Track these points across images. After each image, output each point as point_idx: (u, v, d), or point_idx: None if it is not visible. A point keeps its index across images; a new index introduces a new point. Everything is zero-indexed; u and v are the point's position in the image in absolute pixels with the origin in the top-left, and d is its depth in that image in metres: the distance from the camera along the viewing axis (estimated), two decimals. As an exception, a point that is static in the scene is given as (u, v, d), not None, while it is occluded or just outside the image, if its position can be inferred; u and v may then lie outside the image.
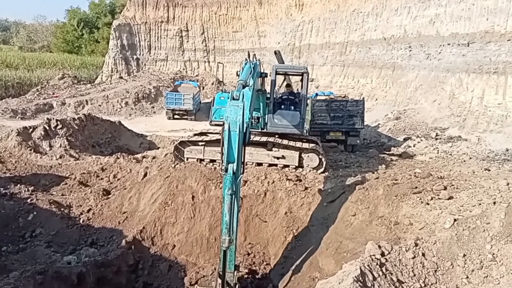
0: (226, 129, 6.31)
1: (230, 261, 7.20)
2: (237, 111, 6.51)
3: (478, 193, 7.56)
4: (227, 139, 6.34)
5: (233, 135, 6.43)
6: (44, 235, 10.13)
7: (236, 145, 6.44)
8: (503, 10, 17.92)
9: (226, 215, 6.32)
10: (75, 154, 16.53)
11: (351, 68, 31.00)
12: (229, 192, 6.30)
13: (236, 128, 6.42)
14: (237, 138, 6.43)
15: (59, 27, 76.60)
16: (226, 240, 6.36)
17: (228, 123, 6.34)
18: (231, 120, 6.42)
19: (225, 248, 6.50)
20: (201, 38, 48.85)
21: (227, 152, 6.38)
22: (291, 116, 12.40)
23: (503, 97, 17.23)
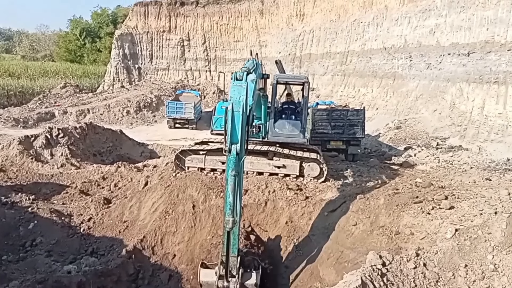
0: (230, 109, 6.31)
1: (234, 245, 7.01)
2: (241, 91, 6.53)
3: (479, 203, 7.53)
4: (230, 120, 6.33)
5: (237, 115, 6.45)
6: (45, 244, 10.10)
7: (239, 125, 6.44)
8: (503, 20, 18.02)
9: (230, 196, 6.36)
10: (76, 163, 16.53)
11: (351, 77, 31.10)
12: (233, 173, 6.33)
13: (240, 108, 6.44)
14: (240, 118, 6.43)
15: (61, 37, 77.15)
16: (229, 221, 6.41)
17: (231, 103, 6.36)
18: (235, 100, 6.45)
19: (229, 229, 6.53)
20: (202, 47, 49.10)
21: (230, 133, 6.37)
22: (292, 126, 12.41)
23: (503, 107, 17.26)
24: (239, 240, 7.36)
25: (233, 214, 6.43)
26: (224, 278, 7.05)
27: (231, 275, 7.10)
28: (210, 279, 7.42)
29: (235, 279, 7.11)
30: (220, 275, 7.11)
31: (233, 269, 7.13)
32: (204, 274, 7.62)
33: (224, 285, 7.06)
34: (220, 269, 7.12)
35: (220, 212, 10.08)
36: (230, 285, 7.09)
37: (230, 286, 7.09)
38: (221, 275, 7.10)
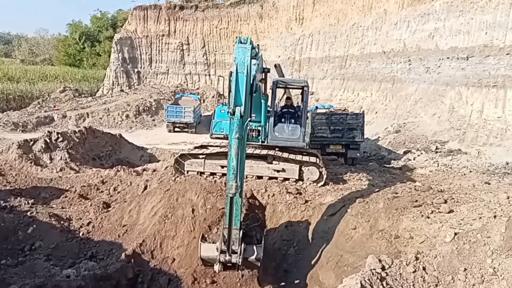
0: (234, 71, 6.32)
1: (236, 216, 6.77)
2: (245, 52, 6.52)
3: (479, 207, 7.54)
4: (234, 82, 6.32)
5: (241, 77, 6.43)
6: (44, 248, 10.07)
7: (243, 87, 6.40)
8: (501, 24, 18.07)
9: (233, 159, 6.25)
10: (76, 167, 16.53)
11: (351, 81, 31.15)
12: (236, 136, 6.26)
13: (244, 69, 6.44)
14: (244, 80, 6.40)
15: (61, 41, 77.24)
16: (233, 186, 6.21)
17: (235, 64, 6.37)
18: (239, 61, 6.45)
19: (232, 194, 6.30)
20: (202, 51, 49.18)
21: (234, 95, 6.34)
22: (292, 130, 12.44)
23: (502, 111, 17.29)
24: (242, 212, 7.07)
25: (236, 179, 6.23)
26: (226, 252, 6.84)
27: (233, 250, 6.86)
28: (211, 254, 7.18)
29: (238, 253, 6.89)
30: (222, 250, 6.89)
31: (235, 243, 6.88)
32: (205, 249, 7.35)
33: (226, 259, 6.87)
34: (222, 243, 6.88)
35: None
36: (232, 259, 6.88)
37: (233, 260, 6.89)
38: (223, 249, 6.87)
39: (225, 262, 6.88)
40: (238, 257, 6.87)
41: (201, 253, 7.35)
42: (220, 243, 6.95)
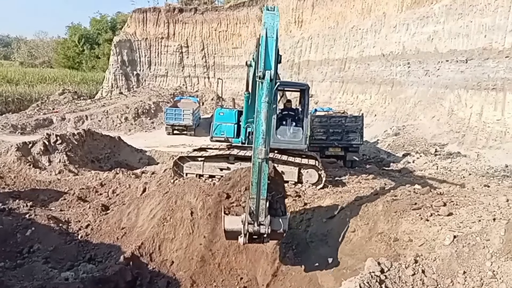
0: (264, 35, 6.40)
1: (263, 185, 6.53)
2: (274, 17, 6.58)
3: (478, 210, 7.52)
4: (264, 46, 6.36)
5: (270, 41, 6.48)
6: (42, 250, 10.06)
7: (273, 51, 6.44)
8: (500, 27, 18.11)
9: (263, 124, 6.24)
10: (74, 169, 16.52)
11: (350, 84, 31.18)
12: (266, 100, 6.25)
13: (274, 33, 6.50)
14: (274, 44, 6.47)
15: (60, 43, 77.27)
16: (262, 151, 6.20)
17: (265, 28, 6.45)
18: (268, 25, 6.50)
19: (261, 160, 6.27)
20: (201, 54, 49.22)
21: (264, 59, 6.35)
22: (294, 132, 12.43)
23: (501, 113, 17.31)
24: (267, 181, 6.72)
25: (265, 144, 6.17)
26: (255, 222, 6.63)
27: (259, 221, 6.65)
28: (235, 227, 6.89)
29: (266, 224, 6.68)
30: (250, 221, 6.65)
31: (262, 214, 6.67)
32: (229, 221, 7.04)
33: (255, 230, 6.65)
34: (248, 214, 6.66)
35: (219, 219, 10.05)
36: (261, 229, 6.66)
37: (261, 231, 6.67)
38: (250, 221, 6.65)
39: (253, 233, 6.66)
40: (267, 227, 6.68)
41: (226, 226, 7.03)
42: (246, 214, 6.71)
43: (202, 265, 9.66)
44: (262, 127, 6.24)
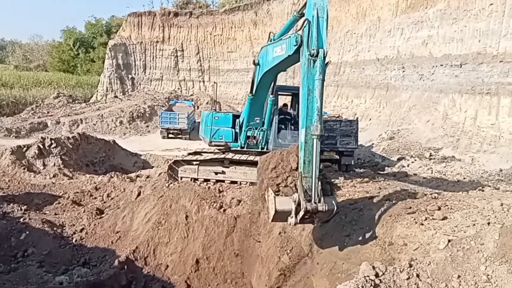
0: (315, 15, 6.71)
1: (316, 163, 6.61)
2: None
3: (472, 214, 7.55)
4: (315, 25, 6.68)
5: (321, 20, 6.77)
6: (36, 254, 10.03)
7: (325, 30, 6.76)
8: (495, 32, 18.22)
9: (318, 101, 6.58)
10: (69, 173, 16.47)
11: (345, 88, 31.24)
12: (320, 77, 6.61)
13: (324, 13, 6.79)
14: (325, 24, 6.78)
15: (55, 47, 77.14)
16: (318, 127, 6.47)
17: (315, 9, 6.73)
18: (319, 6, 6.78)
19: (317, 136, 6.49)
20: (196, 58, 49.24)
21: (317, 38, 6.67)
22: (294, 136, 12.50)
23: (496, 118, 17.39)
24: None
25: (321, 121, 6.42)
26: (312, 200, 6.56)
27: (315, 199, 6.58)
28: (286, 207, 6.81)
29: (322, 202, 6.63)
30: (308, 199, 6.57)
31: (315, 192, 6.64)
32: (280, 201, 6.93)
33: (313, 207, 6.53)
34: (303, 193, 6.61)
35: (213, 223, 10.06)
36: (318, 207, 6.57)
37: (319, 208, 6.57)
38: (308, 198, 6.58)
39: (310, 211, 6.56)
40: (323, 204, 6.61)
41: (277, 207, 6.89)
42: (299, 193, 6.65)
43: (197, 269, 9.66)
44: (317, 104, 6.61)
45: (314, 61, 6.70)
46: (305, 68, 6.92)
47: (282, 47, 8.31)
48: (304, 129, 6.76)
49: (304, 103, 6.86)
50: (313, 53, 6.67)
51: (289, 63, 8.67)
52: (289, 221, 6.77)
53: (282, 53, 8.28)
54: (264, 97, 11.51)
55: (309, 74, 6.79)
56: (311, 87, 6.70)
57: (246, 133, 12.07)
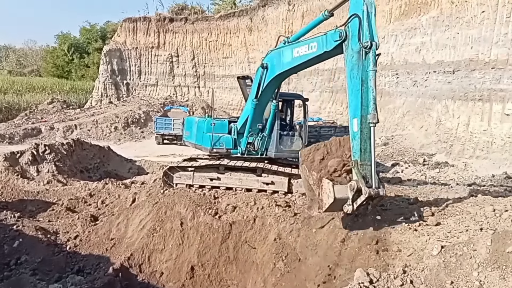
0: (365, 10, 7.29)
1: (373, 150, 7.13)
2: None
3: (465, 219, 7.61)
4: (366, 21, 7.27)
5: (371, 16, 7.35)
6: (30, 262, 9.96)
7: (374, 25, 7.35)
8: (486, 39, 18.41)
9: (373, 90, 7.08)
10: (63, 179, 16.39)
11: (339, 94, 31.38)
12: (374, 68, 7.11)
13: (373, 9, 7.39)
14: (374, 19, 7.37)
15: (49, 52, 76.95)
16: (375, 116, 6.99)
17: (365, 4, 7.32)
18: (368, 2, 7.37)
19: (374, 124, 7.01)
20: (191, 63, 49.28)
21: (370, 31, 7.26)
22: (293, 142, 12.64)
23: (488, 124, 17.54)
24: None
25: (377, 109, 6.97)
26: (373, 186, 6.99)
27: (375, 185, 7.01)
28: (344, 195, 7.12)
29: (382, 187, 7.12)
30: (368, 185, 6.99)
31: (375, 179, 7.06)
32: (338, 190, 7.20)
33: (375, 192, 6.93)
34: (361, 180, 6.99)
35: (209, 230, 10.06)
36: (380, 191, 7.00)
37: (380, 193, 7.02)
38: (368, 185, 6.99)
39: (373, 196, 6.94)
40: (383, 190, 7.12)
41: (336, 195, 7.14)
42: (359, 180, 7.01)
43: (191, 276, 9.64)
44: (373, 94, 7.08)
45: (367, 53, 7.21)
46: (354, 61, 7.43)
47: (310, 45, 8.86)
48: (356, 119, 7.22)
49: (356, 94, 7.30)
50: (367, 45, 7.17)
51: (318, 61, 9.39)
52: (346, 209, 7.18)
53: (311, 51, 8.83)
54: (266, 102, 11.64)
55: (360, 66, 7.28)
56: (364, 78, 7.21)
57: (247, 139, 12.06)
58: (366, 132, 7.09)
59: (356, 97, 7.29)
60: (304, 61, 9.26)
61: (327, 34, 8.32)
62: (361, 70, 7.24)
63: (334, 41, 8.05)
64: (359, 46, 7.30)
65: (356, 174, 7.08)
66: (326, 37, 8.36)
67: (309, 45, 8.91)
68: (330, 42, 8.23)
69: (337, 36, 7.88)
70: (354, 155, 7.26)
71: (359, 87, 7.26)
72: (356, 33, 7.36)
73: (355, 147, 7.22)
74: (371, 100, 7.04)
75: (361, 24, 7.30)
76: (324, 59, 9.40)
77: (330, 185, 7.23)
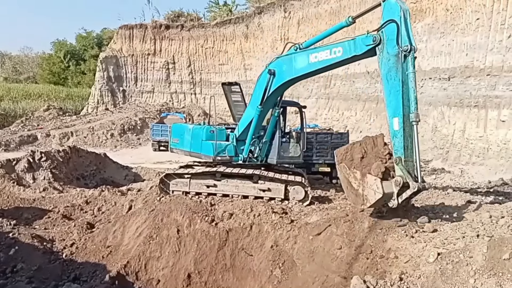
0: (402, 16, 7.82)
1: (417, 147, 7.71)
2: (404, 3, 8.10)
3: (462, 226, 7.64)
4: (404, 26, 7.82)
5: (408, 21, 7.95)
6: (26, 270, 9.89)
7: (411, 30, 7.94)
8: (481, 46, 18.53)
9: (414, 91, 7.76)
10: (59, 186, 16.33)
11: (335, 100, 31.48)
12: (414, 70, 7.75)
13: (408, 15, 7.95)
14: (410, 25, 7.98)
15: (45, 59, 76.81)
16: (418, 114, 7.68)
17: (402, 11, 7.85)
18: (404, 9, 7.91)
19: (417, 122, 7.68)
20: (187, 70, 49.33)
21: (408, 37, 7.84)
22: (294, 148, 12.82)
23: (484, 130, 17.62)
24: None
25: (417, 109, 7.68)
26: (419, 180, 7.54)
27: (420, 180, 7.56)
28: (391, 190, 7.66)
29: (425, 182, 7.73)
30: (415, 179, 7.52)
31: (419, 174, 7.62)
32: (386, 185, 7.68)
33: (422, 186, 7.52)
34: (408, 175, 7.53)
35: (205, 237, 10.04)
36: (426, 186, 7.70)
37: (426, 186, 7.73)
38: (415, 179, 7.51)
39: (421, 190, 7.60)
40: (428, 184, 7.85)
41: (385, 190, 7.61)
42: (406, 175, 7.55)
43: (188, 284, 9.61)
44: (414, 94, 7.74)
45: (406, 56, 7.77)
46: (391, 63, 7.98)
47: (333, 50, 9.30)
48: (397, 118, 7.90)
49: (395, 94, 7.91)
50: (406, 49, 7.72)
51: (341, 65, 9.94)
52: (392, 203, 7.81)
53: (334, 55, 9.29)
54: (269, 109, 11.78)
55: (399, 68, 7.83)
56: (405, 80, 7.80)
57: (250, 147, 12.08)
58: (408, 130, 7.73)
59: (396, 97, 7.89)
60: (324, 66, 9.69)
61: (355, 39, 8.77)
62: (401, 72, 7.78)
63: (366, 45, 8.49)
64: (397, 50, 7.83)
65: (401, 170, 7.62)
66: (355, 42, 8.81)
67: (331, 50, 9.32)
68: (361, 46, 8.65)
69: (371, 40, 8.31)
70: (396, 152, 7.84)
71: (398, 88, 7.83)
72: (393, 37, 7.88)
73: (397, 144, 7.87)
74: (413, 100, 7.72)
75: (399, 29, 7.80)
76: (348, 63, 10.01)
77: (378, 181, 7.69)
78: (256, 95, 11.39)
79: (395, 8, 7.96)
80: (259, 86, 11.26)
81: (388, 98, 8.14)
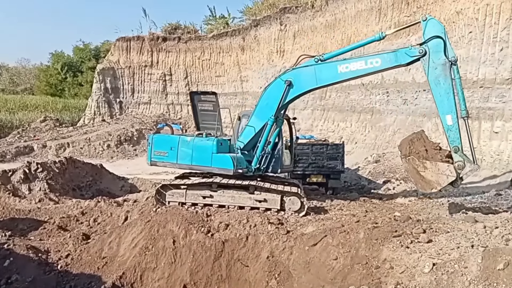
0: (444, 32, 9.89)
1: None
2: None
3: (457, 236, 7.69)
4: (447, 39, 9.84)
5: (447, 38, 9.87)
6: (20, 281, 9.85)
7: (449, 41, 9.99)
8: (474, 59, 18.71)
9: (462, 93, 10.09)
10: (55, 197, 16.30)
11: (331, 112, 31.60)
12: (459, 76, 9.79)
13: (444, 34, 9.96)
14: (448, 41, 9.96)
15: (42, 70, 76.83)
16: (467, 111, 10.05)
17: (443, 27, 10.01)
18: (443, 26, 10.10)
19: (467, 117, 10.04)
20: (184, 82, 49.43)
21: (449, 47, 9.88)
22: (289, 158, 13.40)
23: (477, 142, 17.71)
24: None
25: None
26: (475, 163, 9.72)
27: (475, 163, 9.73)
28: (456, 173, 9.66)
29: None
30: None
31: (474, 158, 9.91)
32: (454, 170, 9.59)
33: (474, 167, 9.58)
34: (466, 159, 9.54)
35: (201, 248, 10.05)
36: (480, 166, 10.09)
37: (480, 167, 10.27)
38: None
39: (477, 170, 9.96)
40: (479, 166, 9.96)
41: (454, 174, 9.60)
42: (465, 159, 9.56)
43: None
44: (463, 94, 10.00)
45: (452, 65, 9.66)
46: (438, 71, 9.77)
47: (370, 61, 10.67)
48: (450, 115, 9.64)
49: (446, 96, 9.66)
50: (454, 60, 9.68)
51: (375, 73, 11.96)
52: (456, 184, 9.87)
53: (371, 66, 10.63)
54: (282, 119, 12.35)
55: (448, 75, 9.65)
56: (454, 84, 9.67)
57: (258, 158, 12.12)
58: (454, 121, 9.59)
59: (447, 98, 9.62)
60: (357, 76, 11.14)
61: (397, 51, 10.49)
62: (449, 78, 9.60)
63: (411, 56, 10.17)
64: (444, 60, 9.65)
65: (461, 156, 9.50)
66: (396, 54, 10.45)
67: (367, 61, 10.69)
68: (405, 57, 10.30)
69: (417, 52, 10.03)
70: (453, 142, 9.61)
71: (449, 90, 9.60)
72: (438, 50, 9.71)
73: (452, 136, 9.63)
74: (462, 100, 9.85)
75: (445, 43, 9.70)
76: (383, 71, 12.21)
77: (451, 167, 9.50)
78: (266, 105, 11.60)
79: (439, 26, 10.00)
80: (270, 97, 11.50)
81: (439, 99, 9.76)
